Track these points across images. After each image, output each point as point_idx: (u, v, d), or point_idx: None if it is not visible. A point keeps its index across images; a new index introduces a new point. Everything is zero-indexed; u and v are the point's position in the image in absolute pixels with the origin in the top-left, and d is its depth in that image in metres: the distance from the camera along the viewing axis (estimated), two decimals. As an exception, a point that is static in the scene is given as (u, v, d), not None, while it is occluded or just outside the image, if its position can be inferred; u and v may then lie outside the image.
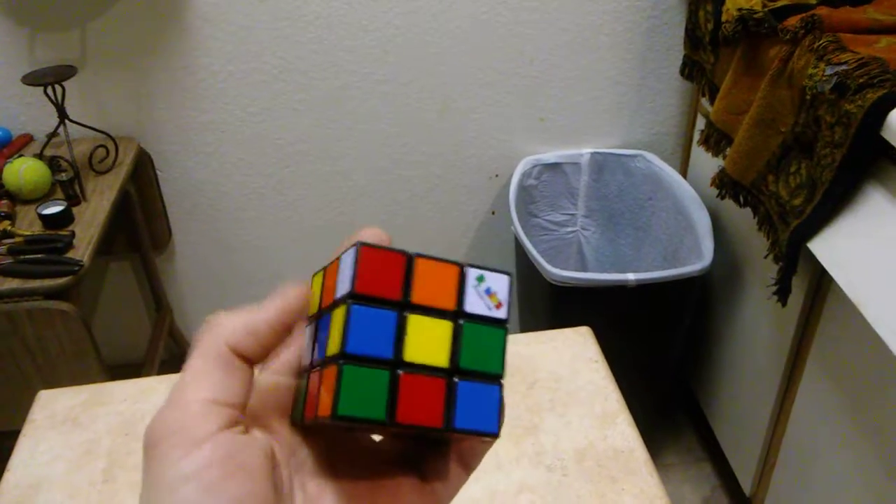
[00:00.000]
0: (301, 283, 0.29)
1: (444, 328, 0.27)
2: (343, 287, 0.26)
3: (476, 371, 0.26)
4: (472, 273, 0.28)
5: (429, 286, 0.27)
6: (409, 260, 0.27)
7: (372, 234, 0.29)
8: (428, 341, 0.26)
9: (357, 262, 0.26)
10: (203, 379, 0.27)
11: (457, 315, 0.27)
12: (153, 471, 0.25)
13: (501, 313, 0.27)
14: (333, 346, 0.26)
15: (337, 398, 0.25)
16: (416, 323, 0.26)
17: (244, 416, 0.27)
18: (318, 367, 0.27)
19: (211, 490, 0.25)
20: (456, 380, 0.26)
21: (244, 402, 0.27)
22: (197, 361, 0.27)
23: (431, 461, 0.30)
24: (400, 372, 0.26)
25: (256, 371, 0.29)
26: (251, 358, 0.28)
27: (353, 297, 0.26)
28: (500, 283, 0.28)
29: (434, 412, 0.26)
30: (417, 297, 0.27)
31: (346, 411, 0.25)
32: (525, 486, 0.66)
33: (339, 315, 0.26)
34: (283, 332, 0.29)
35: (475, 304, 0.27)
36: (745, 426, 1.43)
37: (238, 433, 0.26)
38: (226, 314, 0.28)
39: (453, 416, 0.26)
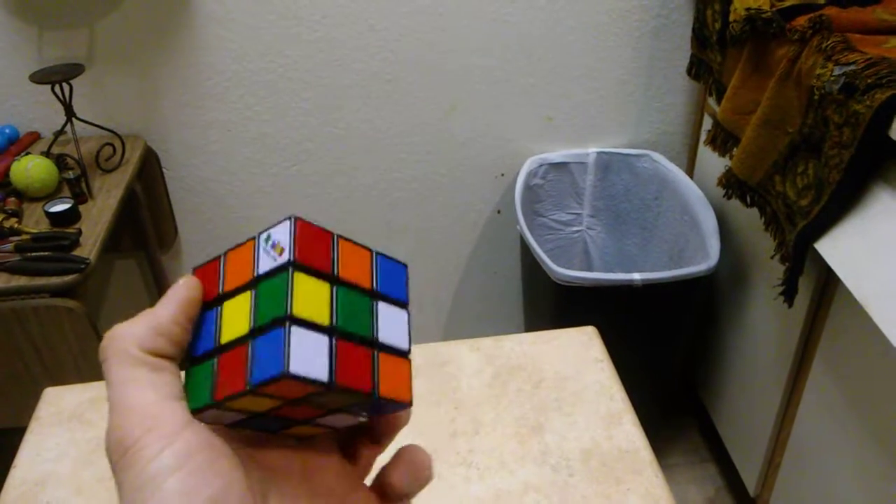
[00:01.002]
0: (190, 276, 0.30)
1: (245, 300, 0.28)
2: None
3: (271, 321, 0.27)
4: (261, 238, 0.29)
5: (235, 272, 0.29)
6: (221, 259, 0.29)
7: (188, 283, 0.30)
8: (237, 318, 0.28)
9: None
10: (136, 383, 0.26)
11: (253, 282, 0.28)
12: (131, 476, 0.24)
13: (282, 258, 0.27)
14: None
15: (188, 396, 0.28)
16: (229, 307, 0.28)
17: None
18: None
19: (200, 474, 0.24)
20: (254, 338, 0.27)
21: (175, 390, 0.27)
22: (119, 372, 0.26)
23: (350, 445, 0.32)
24: (217, 356, 0.28)
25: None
26: (167, 356, 0.27)
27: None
28: (282, 232, 0.28)
29: (239, 378, 0.26)
30: (228, 286, 0.29)
31: (193, 405, 0.27)
32: (530, 485, 0.65)
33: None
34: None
35: (264, 262, 0.28)
36: (751, 427, 1.43)
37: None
38: (125, 324, 0.27)
39: (252, 372, 0.26)
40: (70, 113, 1.31)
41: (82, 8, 1.41)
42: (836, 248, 1.01)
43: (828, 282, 1.12)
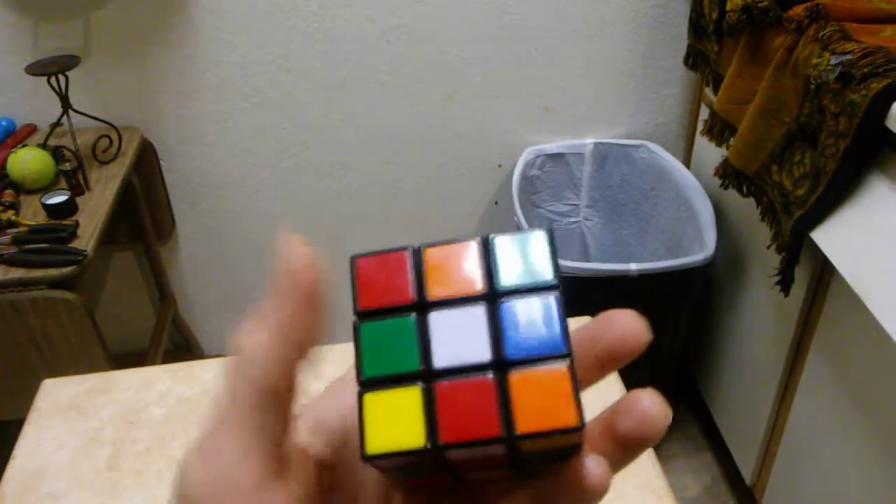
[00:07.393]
0: (300, 244, 0.23)
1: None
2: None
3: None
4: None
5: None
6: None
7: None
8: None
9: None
10: (240, 426, 0.23)
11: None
12: None
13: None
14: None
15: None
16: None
17: (283, 445, 0.24)
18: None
19: None
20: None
21: (284, 438, 0.24)
22: (233, 410, 0.23)
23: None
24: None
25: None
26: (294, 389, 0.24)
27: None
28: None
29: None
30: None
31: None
32: (527, 474, 0.66)
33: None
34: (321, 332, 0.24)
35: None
36: (747, 416, 1.43)
37: (272, 482, 0.23)
38: (249, 338, 0.23)
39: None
40: (66, 105, 1.31)
41: (78, -1, 1.41)
42: (832, 237, 1.01)
43: (824, 271, 1.13)
